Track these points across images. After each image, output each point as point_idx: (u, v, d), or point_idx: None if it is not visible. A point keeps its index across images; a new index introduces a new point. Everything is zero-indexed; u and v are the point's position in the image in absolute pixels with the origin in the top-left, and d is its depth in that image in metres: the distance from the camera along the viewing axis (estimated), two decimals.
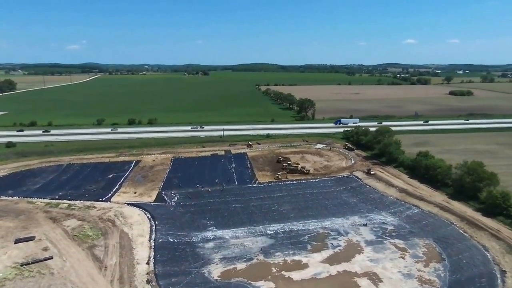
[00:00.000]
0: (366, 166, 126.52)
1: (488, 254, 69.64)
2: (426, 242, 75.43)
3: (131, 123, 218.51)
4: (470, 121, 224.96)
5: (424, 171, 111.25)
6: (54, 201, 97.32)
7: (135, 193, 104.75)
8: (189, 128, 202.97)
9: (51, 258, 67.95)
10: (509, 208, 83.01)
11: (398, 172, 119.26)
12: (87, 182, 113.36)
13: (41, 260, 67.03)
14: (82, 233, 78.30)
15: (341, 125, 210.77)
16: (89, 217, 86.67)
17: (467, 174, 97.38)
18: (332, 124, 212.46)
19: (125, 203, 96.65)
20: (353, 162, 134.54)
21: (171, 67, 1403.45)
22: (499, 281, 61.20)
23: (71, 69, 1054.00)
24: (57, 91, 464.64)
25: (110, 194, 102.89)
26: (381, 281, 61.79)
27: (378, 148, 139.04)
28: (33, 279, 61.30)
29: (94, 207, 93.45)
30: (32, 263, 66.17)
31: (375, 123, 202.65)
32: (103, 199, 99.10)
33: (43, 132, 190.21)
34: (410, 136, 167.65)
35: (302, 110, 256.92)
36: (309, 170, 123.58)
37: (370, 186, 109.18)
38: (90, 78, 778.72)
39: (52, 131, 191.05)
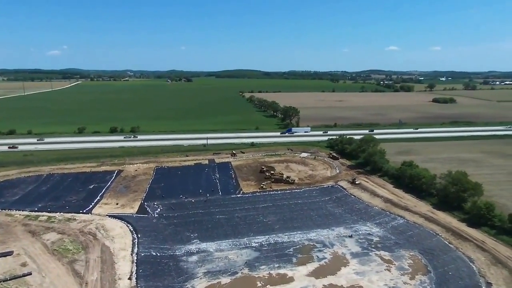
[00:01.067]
0: (351, 175, 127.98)
1: (473, 266, 70.50)
2: (411, 253, 76.17)
3: (113, 131, 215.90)
4: (454, 129, 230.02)
5: (409, 180, 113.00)
6: (33, 213, 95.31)
7: (117, 204, 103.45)
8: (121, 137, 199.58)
9: (29, 274, 66.36)
10: (493, 218, 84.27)
11: (383, 182, 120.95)
12: (68, 193, 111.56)
13: (20, 276, 65.42)
14: (62, 247, 76.79)
15: (290, 134, 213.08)
16: (69, 230, 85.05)
17: (451, 184, 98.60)
18: (319, 133, 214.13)
19: (107, 215, 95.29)
20: (338, 171, 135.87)
21: (154, 73, 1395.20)
22: None
23: (52, 75, 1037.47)
24: (38, 98, 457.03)
25: (91, 206, 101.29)
26: None
27: (362, 157, 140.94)
28: None
29: (75, 219, 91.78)
30: (10, 279, 64.54)
31: (364, 131, 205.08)
32: (84, 211, 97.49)
33: (37, 140, 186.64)
34: (394, 145, 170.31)
35: (286, 118, 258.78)
36: (294, 180, 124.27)
37: (355, 196, 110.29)
38: (72, 84, 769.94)
39: (31, 140, 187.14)
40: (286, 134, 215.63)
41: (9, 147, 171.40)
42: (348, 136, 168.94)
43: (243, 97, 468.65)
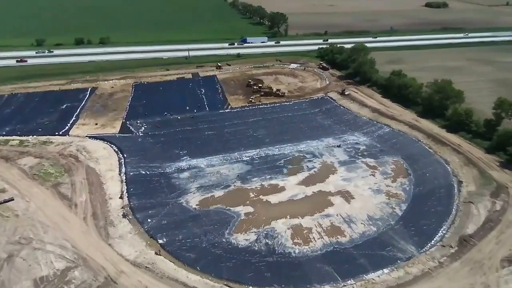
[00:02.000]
0: (340, 86, 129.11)
1: (448, 168, 78.00)
2: (395, 159, 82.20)
3: (79, 43, 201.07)
4: (444, 36, 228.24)
5: (397, 90, 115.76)
6: (1, 137, 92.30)
7: (96, 124, 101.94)
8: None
9: (12, 199, 66.37)
10: (471, 124, 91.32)
11: (372, 92, 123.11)
12: (38, 114, 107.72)
13: (1, 203, 65.26)
14: (43, 171, 76.49)
15: (246, 44, 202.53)
16: (47, 153, 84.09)
17: (436, 92, 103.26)
18: (306, 42, 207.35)
19: (87, 136, 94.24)
20: (327, 82, 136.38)
21: None
22: (456, 191, 69.76)
23: None
24: None
25: (67, 127, 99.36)
26: (353, 198, 68.22)
27: (352, 67, 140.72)
28: None
29: (51, 142, 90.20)
30: None
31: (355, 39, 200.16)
32: (60, 133, 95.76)
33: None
34: (385, 53, 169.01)
35: (273, 26, 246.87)
36: (284, 93, 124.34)
37: (344, 107, 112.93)
38: None
39: None
40: (235, 45, 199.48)
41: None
42: (338, 45, 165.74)
43: (226, 1, 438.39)
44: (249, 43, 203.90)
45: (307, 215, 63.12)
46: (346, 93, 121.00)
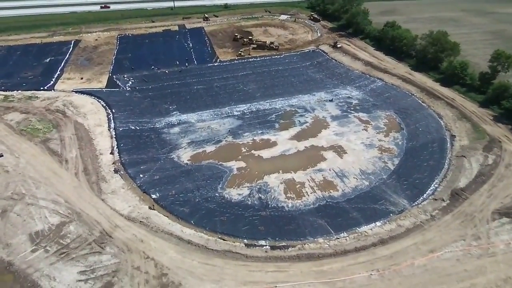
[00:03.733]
0: (332, 38, 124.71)
1: (441, 122, 77.26)
2: (387, 113, 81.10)
3: None
4: None
5: (390, 42, 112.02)
6: None
7: (82, 78, 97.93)
8: None
9: (1, 155, 65.01)
10: (465, 77, 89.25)
11: (365, 45, 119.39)
12: (20, 68, 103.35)
13: None
14: (30, 126, 74.33)
15: None
16: (33, 109, 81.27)
17: (431, 44, 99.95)
18: None
19: (73, 90, 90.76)
20: (319, 35, 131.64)
21: None
22: (448, 145, 69.53)
23: None
24: None
25: (52, 82, 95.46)
26: (346, 153, 67.61)
27: (345, 19, 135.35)
28: None
29: (37, 97, 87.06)
30: None
31: None
32: (45, 88, 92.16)
33: None
34: (378, 4, 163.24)
35: None
36: (278, 46, 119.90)
37: (336, 61, 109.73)
38: None
39: None
40: None
41: None
42: None
43: None
44: None
45: (299, 170, 62.68)
46: (338, 45, 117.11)
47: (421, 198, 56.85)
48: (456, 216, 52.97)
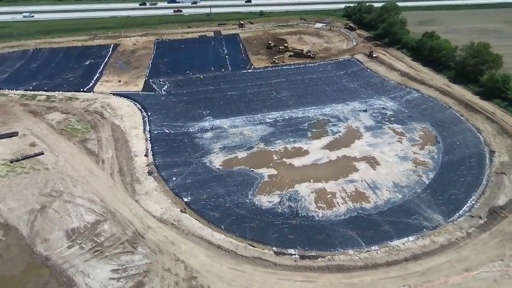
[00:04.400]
0: (368, 48, 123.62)
1: (480, 136, 74.78)
2: (423, 126, 79.32)
3: None
4: None
5: (428, 53, 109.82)
6: (29, 92, 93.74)
7: (120, 81, 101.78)
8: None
9: (42, 153, 68.05)
10: (507, 91, 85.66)
11: (401, 55, 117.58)
12: (62, 70, 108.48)
13: (32, 156, 67.01)
14: (70, 126, 77.77)
15: (175, 4, 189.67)
16: (73, 109, 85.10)
17: (472, 56, 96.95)
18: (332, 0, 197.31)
19: (111, 93, 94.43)
20: (354, 43, 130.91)
21: None
22: (487, 161, 67.14)
23: None
24: None
25: (91, 84, 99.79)
26: (379, 164, 66.71)
27: (382, 28, 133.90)
28: (28, 175, 62.41)
29: (77, 98, 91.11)
30: (22, 159, 66.15)
31: None
32: (85, 89, 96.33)
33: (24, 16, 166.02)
34: (416, 13, 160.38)
35: None
36: (315, 54, 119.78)
37: (371, 70, 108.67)
38: None
39: (5, 9, 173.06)
40: (147, 5, 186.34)
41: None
42: (367, 4, 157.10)
43: None
44: (178, 2, 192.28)
45: (331, 180, 62.46)
46: (374, 55, 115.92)
47: (457, 214, 55.31)
48: (494, 235, 51.18)
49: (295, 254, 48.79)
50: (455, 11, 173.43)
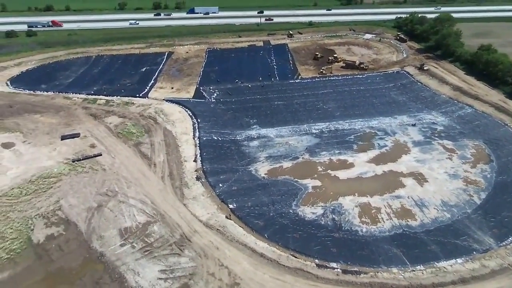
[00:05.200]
0: (419, 60, 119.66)
1: None
2: (475, 143, 75.48)
3: (156, 7, 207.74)
4: None
5: (483, 67, 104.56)
6: (90, 96, 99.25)
7: (172, 88, 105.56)
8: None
9: (100, 155, 72.08)
10: None
11: (454, 68, 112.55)
12: (121, 76, 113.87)
13: (91, 157, 71.24)
14: (126, 130, 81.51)
15: (194, 14, 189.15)
16: (129, 114, 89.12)
17: None
18: (383, 10, 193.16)
19: (164, 99, 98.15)
20: (404, 55, 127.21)
21: None
22: None
23: None
24: None
25: (146, 90, 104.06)
26: (427, 181, 64.33)
27: (434, 40, 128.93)
28: (88, 175, 66.56)
29: (133, 103, 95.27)
30: (83, 159, 70.62)
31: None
32: (140, 95, 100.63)
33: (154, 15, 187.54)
34: (471, 25, 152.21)
35: None
36: (368, 66, 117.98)
37: (421, 83, 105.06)
38: None
39: (71, 17, 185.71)
40: (191, 13, 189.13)
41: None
42: (419, 15, 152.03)
43: None
44: (197, 13, 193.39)
45: (376, 194, 61.25)
46: (425, 68, 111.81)
47: (511, 238, 52.23)
48: None
49: (337, 268, 48.43)
50: None
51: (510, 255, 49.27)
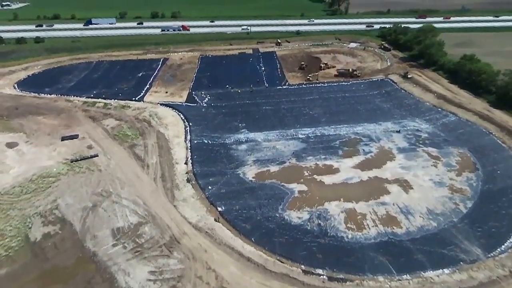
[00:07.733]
0: (403, 68, 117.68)
1: None
2: (460, 151, 72.78)
3: (154, 16, 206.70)
4: None
5: (467, 76, 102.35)
6: (90, 100, 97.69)
7: (166, 92, 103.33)
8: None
9: (96, 156, 70.19)
10: None
11: (438, 76, 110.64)
12: (119, 80, 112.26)
13: (88, 158, 69.41)
14: (122, 132, 79.53)
15: (91, 26, 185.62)
16: (125, 116, 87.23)
17: None
18: (367, 20, 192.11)
19: (158, 103, 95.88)
20: (388, 64, 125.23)
21: None
22: None
23: None
24: None
25: (142, 94, 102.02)
26: (412, 188, 61.60)
27: (417, 49, 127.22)
28: (84, 175, 64.40)
29: (129, 106, 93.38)
30: (80, 159, 68.83)
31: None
32: (136, 99, 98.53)
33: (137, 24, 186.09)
34: (452, 35, 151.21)
35: (334, 3, 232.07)
36: (360, 73, 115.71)
37: (405, 91, 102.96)
38: None
39: (75, 25, 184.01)
40: (89, 25, 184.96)
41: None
42: (402, 25, 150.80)
43: None
44: (94, 24, 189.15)
45: (361, 200, 58.50)
46: (408, 76, 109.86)
47: (499, 249, 49.17)
48: None
49: (323, 275, 45.62)
50: (495, 33, 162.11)
51: (499, 267, 46.34)
